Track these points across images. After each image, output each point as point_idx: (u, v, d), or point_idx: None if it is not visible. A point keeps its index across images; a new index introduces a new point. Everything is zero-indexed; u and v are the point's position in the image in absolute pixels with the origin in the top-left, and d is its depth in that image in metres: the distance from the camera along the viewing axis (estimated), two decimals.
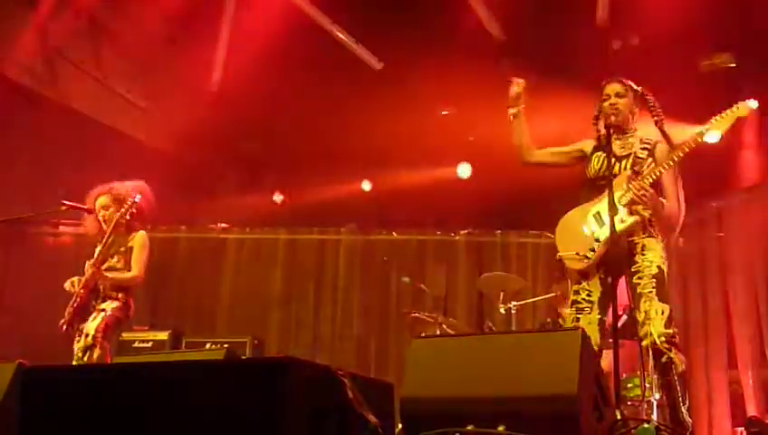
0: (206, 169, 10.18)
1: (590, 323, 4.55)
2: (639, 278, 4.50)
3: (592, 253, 4.60)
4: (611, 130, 4.58)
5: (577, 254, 4.64)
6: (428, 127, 9.48)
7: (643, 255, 4.54)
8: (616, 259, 4.49)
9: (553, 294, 7.54)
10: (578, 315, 4.62)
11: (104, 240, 5.81)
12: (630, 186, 4.52)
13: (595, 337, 4.50)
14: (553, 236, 4.86)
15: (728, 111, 4.52)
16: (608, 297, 4.53)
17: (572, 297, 4.72)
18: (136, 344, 7.96)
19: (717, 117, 4.53)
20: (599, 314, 4.58)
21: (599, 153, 4.72)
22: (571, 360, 3.04)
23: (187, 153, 9.34)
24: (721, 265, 8.59)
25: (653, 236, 4.60)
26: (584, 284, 4.66)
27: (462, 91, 8.93)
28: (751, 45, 7.91)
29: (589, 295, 4.62)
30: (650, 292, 4.43)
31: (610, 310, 4.28)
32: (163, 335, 8.07)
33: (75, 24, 8.10)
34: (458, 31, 8.36)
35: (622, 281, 4.59)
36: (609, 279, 4.56)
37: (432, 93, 9.16)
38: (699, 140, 4.48)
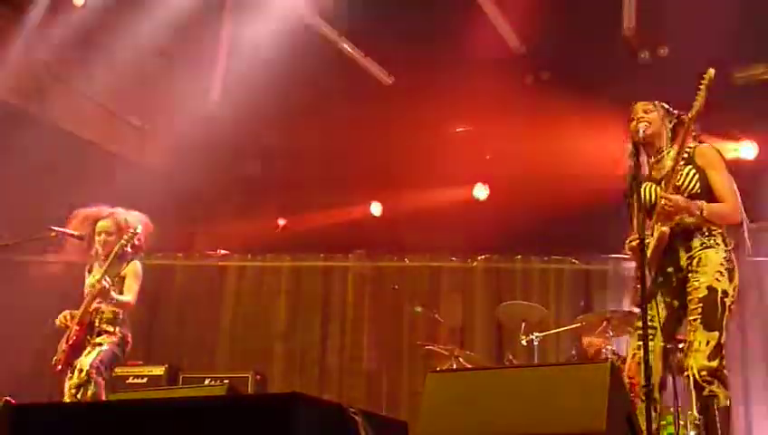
0: (204, 192, 10.19)
1: (651, 351, 4.24)
2: (690, 301, 4.42)
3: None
4: (641, 148, 4.55)
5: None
6: (442, 145, 9.49)
7: (696, 272, 4.43)
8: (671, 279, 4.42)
9: (578, 325, 7.53)
10: (640, 343, 4.29)
11: (104, 269, 5.84)
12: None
13: (657, 367, 4.39)
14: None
15: (700, 87, 4.41)
16: (673, 322, 4.50)
17: (636, 323, 4.55)
18: (130, 380, 7.95)
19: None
20: (662, 341, 4.45)
21: (644, 184, 4.63)
22: (600, 395, 3.05)
23: (183, 175, 9.36)
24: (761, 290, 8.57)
25: (711, 247, 4.44)
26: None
27: (478, 107, 8.96)
28: None
29: (651, 320, 4.36)
30: (695, 319, 4.33)
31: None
32: (159, 370, 8.08)
33: (63, 38, 8.17)
34: (474, 43, 8.39)
35: None
36: (676, 302, 4.49)
37: (446, 109, 9.17)
38: (691, 126, 4.43)
